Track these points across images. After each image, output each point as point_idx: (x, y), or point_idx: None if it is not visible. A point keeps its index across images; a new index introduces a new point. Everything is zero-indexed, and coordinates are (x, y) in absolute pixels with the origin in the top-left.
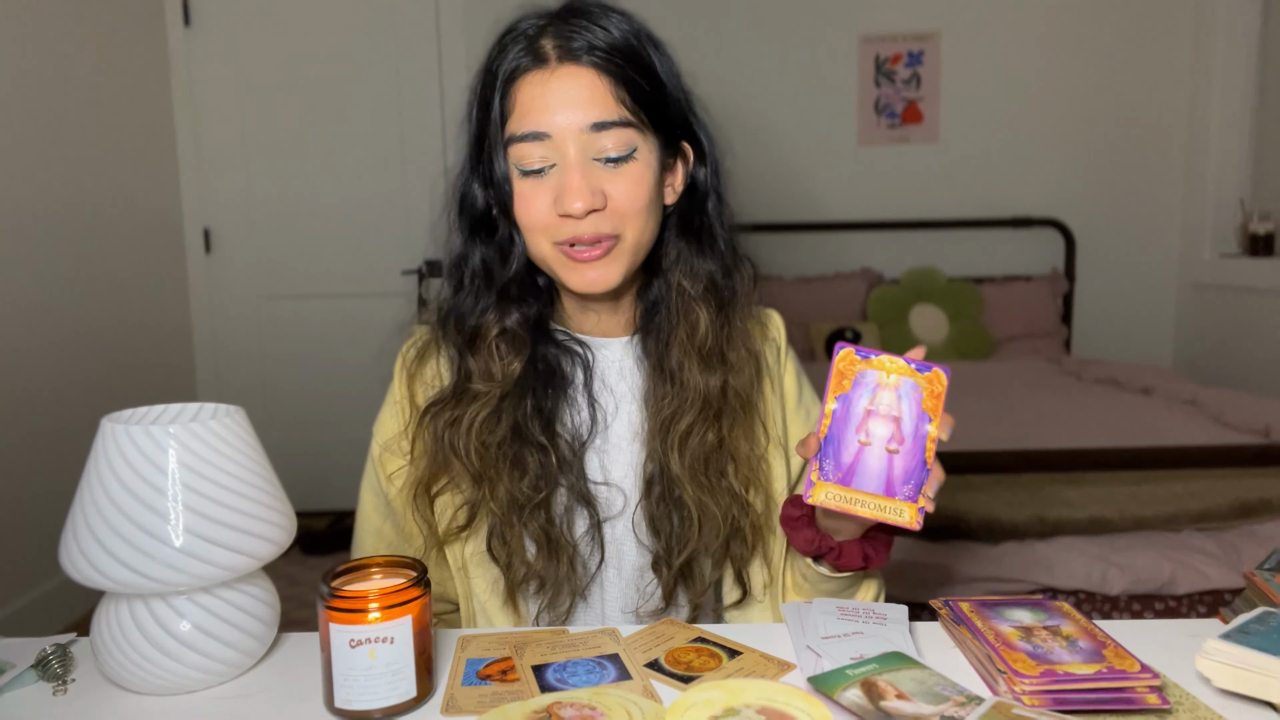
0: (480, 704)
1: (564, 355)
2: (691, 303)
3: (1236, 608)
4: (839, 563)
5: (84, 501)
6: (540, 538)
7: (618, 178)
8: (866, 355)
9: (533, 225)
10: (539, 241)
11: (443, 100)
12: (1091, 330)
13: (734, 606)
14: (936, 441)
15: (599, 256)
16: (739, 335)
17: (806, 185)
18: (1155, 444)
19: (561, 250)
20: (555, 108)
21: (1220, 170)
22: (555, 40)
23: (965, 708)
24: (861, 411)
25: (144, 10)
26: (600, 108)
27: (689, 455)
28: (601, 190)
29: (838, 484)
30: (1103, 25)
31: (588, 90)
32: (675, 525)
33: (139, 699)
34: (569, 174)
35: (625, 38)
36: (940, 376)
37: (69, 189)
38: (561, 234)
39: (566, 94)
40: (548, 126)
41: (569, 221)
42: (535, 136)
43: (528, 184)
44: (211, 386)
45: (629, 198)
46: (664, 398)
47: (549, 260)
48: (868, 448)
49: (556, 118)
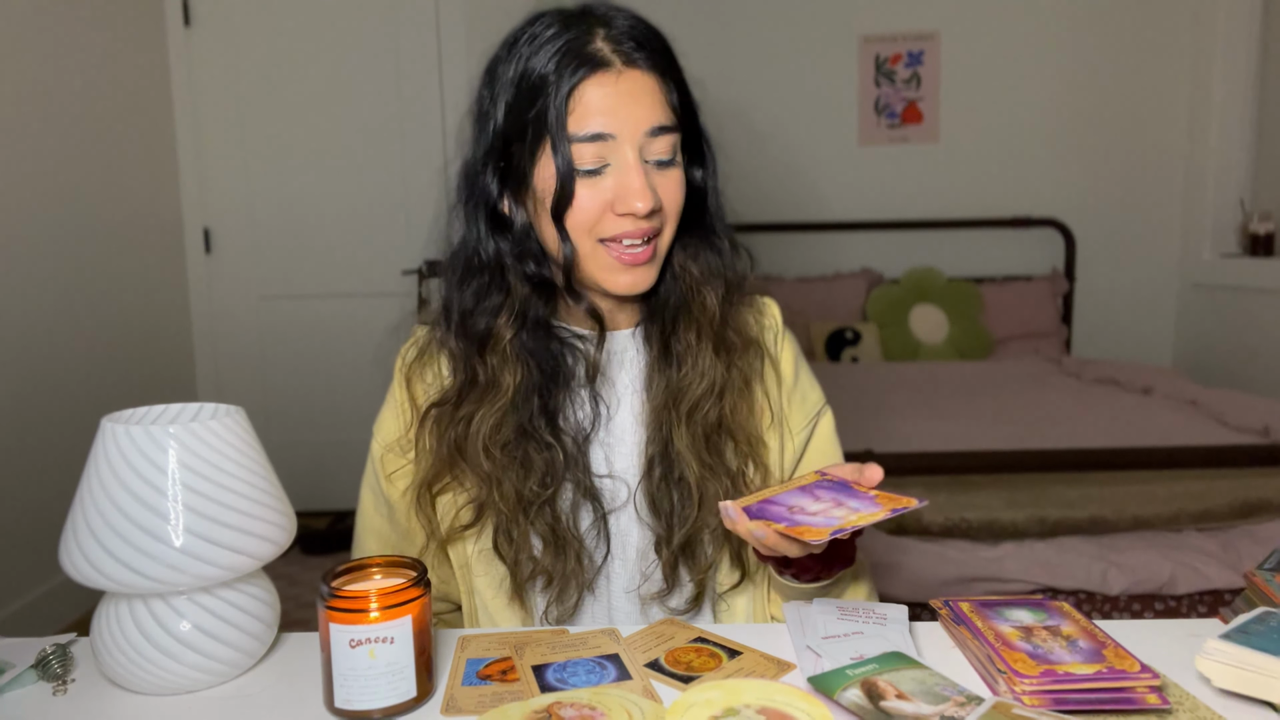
0: (480, 704)
1: (567, 351)
2: (699, 284)
3: (1236, 608)
4: (800, 576)
5: (84, 501)
6: (547, 534)
7: (665, 180)
8: None
9: (583, 223)
10: (583, 240)
11: (443, 100)
12: (1091, 330)
13: (733, 590)
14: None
15: (648, 259)
16: (740, 319)
17: (807, 185)
18: (1155, 444)
19: (607, 249)
20: (622, 111)
21: (1220, 170)
22: (612, 44)
23: (965, 708)
24: (788, 510)
25: (144, 10)
26: (660, 112)
27: (693, 431)
28: (656, 192)
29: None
30: (1103, 25)
31: (650, 95)
32: (675, 504)
33: (139, 699)
34: (631, 175)
35: (663, 42)
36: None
37: (69, 189)
38: (609, 230)
39: (633, 97)
40: (614, 129)
41: (621, 219)
42: (599, 138)
43: (583, 184)
44: (211, 386)
45: (673, 200)
46: (670, 377)
47: (587, 259)
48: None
49: (623, 121)
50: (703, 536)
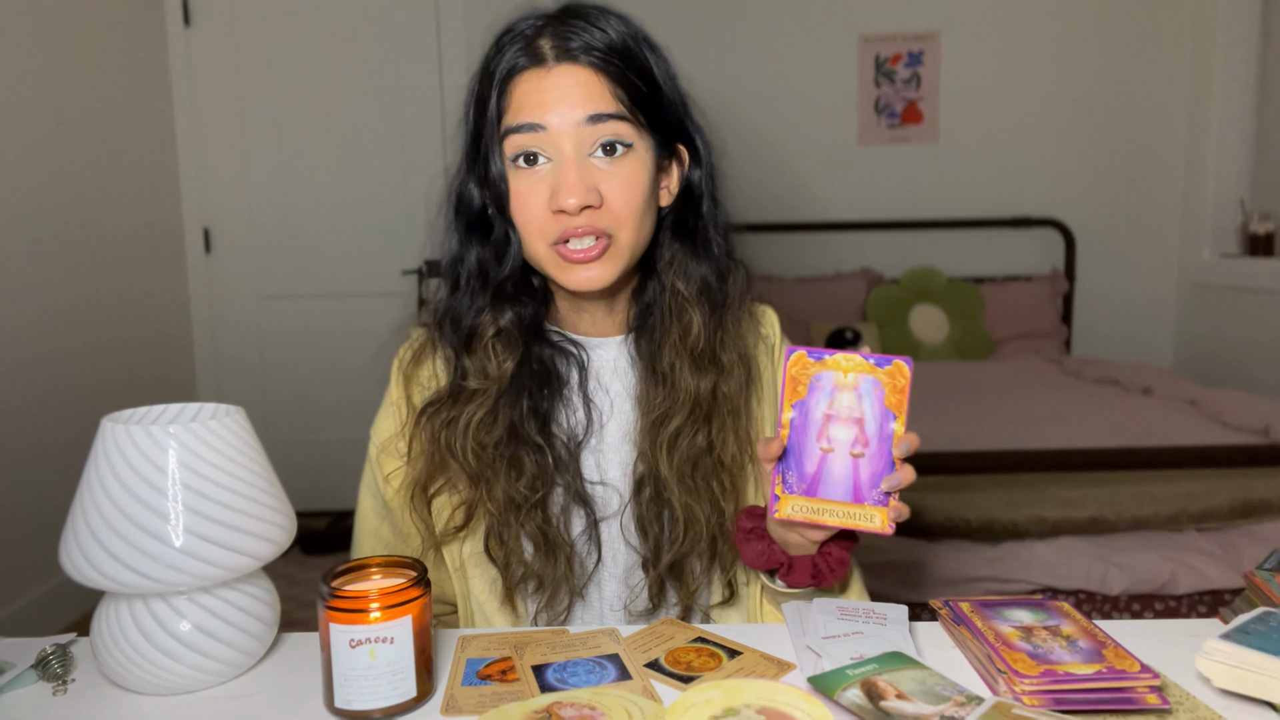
0: (480, 704)
1: (559, 355)
2: (685, 305)
3: (1236, 608)
4: (789, 578)
5: (84, 501)
6: (537, 537)
7: (613, 175)
8: (820, 356)
9: (528, 225)
10: (535, 243)
11: (443, 100)
12: (1091, 330)
13: (721, 605)
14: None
15: (594, 258)
16: (731, 339)
17: (807, 185)
18: (1155, 444)
19: (556, 251)
20: (551, 103)
21: (1220, 170)
22: (553, 40)
23: (965, 708)
24: (821, 417)
25: (144, 10)
26: (597, 101)
27: (677, 458)
28: (597, 189)
29: (803, 495)
30: (1103, 25)
31: (584, 87)
32: (663, 527)
33: (139, 699)
34: (565, 170)
35: (622, 39)
36: (902, 369)
37: (69, 189)
38: (556, 232)
39: (563, 90)
40: (543, 119)
41: (563, 218)
42: (531, 128)
43: (524, 181)
44: (211, 386)
45: (623, 198)
46: (655, 399)
47: (544, 262)
48: (831, 454)
49: (552, 112)
50: (691, 559)
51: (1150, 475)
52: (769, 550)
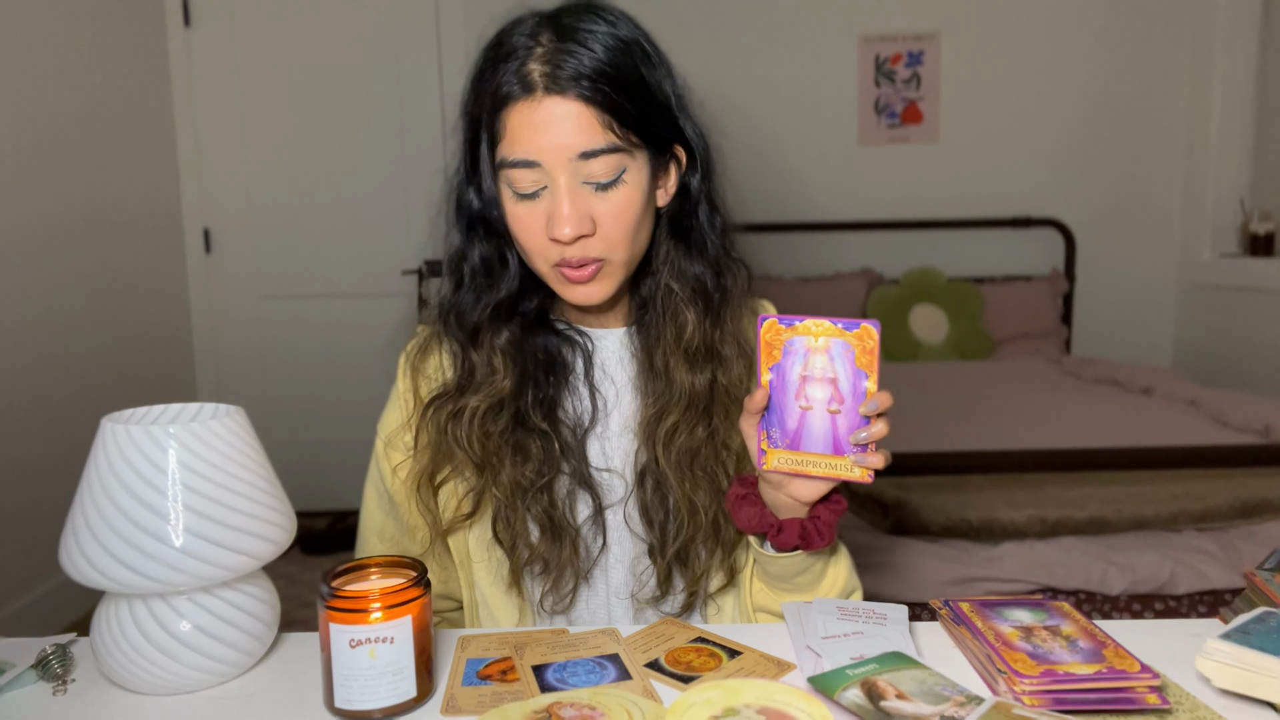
0: (480, 704)
1: (564, 344)
2: (679, 304)
3: (1236, 608)
4: (778, 540)
5: (84, 501)
6: (543, 521)
7: (606, 201)
8: (790, 322)
9: (528, 247)
10: (535, 262)
11: (443, 100)
12: (1091, 330)
13: (721, 590)
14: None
15: (588, 278)
16: (730, 333)
17: (807, 185)
18: (1155, 444)
19: (557, 270)
20: (544, 137)
21: (1220, 170)
22: (543, 67)
23: (965, 708)
24: (797, 378)
25: (144, 10)
26: (587, 136)
27: (675, 452)
28: (590, 215)
29: (786, 449)
30: (1103, 25)
31: (574, 120)
32: (667, 515)
33: (139, 699)
34: (558, 201)
35: (613, 57)
36: (870, 331)
37: (69, 189)
38: (554, 256)
39: (552, 125)
40: (537, 155)
41: (559, 244)
42: (526, 164)
43: (522, 207)
44: (211, 386)
45: (616, 223)
46: (652, 393)
47: (545, 278)
48: (809, 411)
49: (545, 147)
50: (696, 545)
51: (1150, 475)
52: (761, 514)
